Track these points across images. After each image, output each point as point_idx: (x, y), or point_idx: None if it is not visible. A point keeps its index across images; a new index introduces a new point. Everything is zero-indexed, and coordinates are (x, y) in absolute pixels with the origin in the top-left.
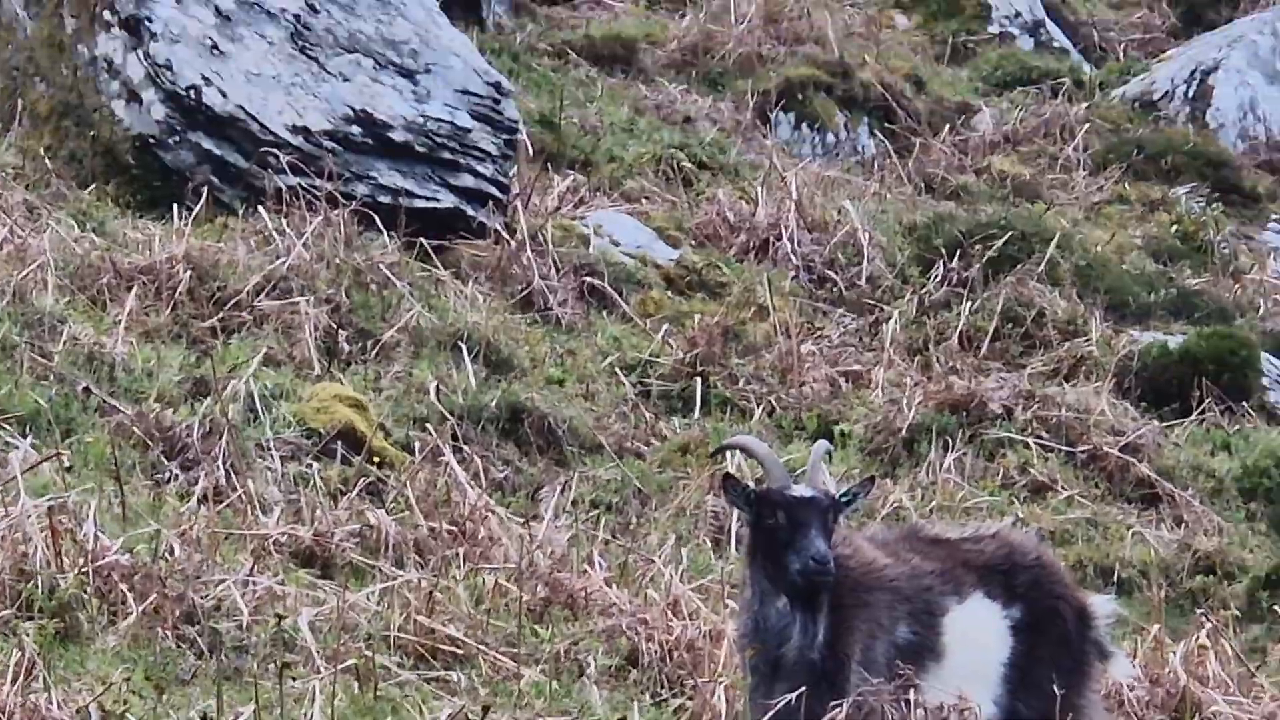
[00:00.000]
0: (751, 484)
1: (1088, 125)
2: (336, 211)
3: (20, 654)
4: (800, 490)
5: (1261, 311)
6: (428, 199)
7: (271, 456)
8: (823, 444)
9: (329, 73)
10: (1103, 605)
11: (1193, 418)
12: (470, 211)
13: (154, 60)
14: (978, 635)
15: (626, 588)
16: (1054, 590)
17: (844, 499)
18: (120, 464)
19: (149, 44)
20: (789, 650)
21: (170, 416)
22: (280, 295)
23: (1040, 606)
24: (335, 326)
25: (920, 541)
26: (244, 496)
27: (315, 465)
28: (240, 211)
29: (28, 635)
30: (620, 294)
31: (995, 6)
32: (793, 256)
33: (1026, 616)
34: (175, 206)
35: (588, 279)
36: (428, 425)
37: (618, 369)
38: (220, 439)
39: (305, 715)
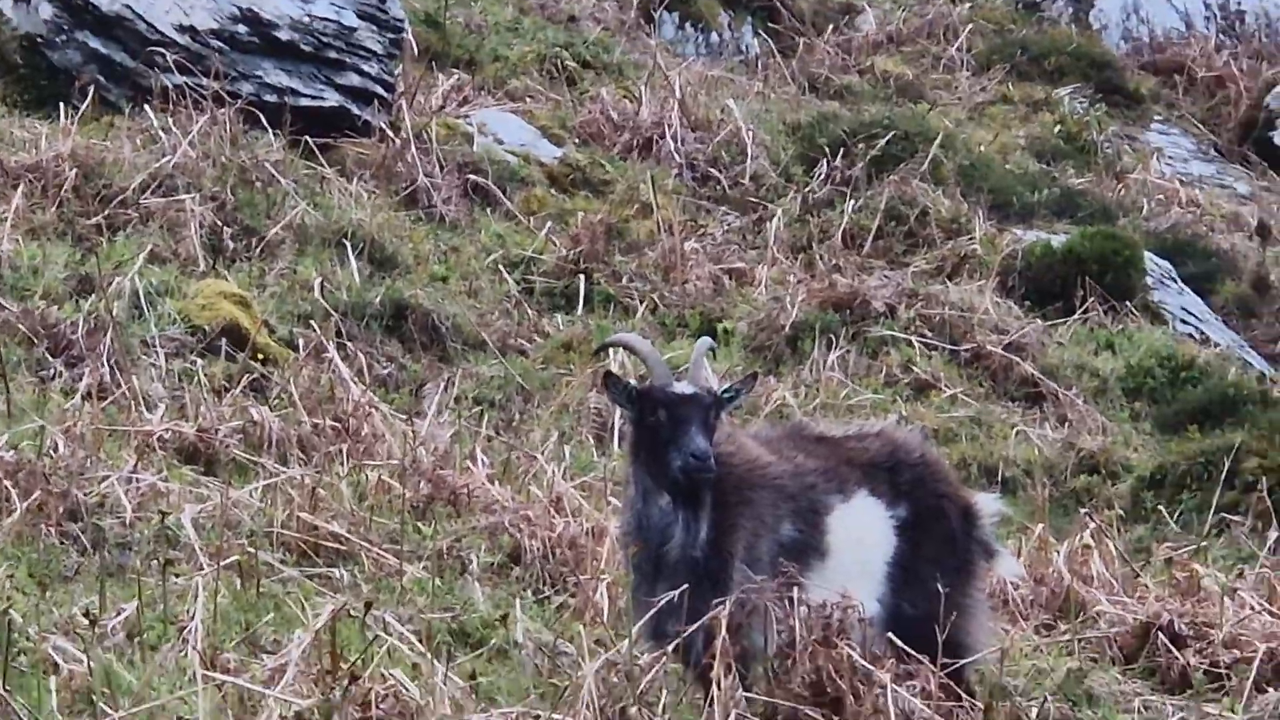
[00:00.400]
0: (634, 381)
1: (971, 26)
2: (222, 110)
3: None
4: (682, 388)
5: (1145, 211)
6: (313, 98)
7: (156, 353)
8: (706, 341)
9: None
10: (988, 504)
11: (1076, 317)
12: (355, 110)
13: None
14: (862, 534)
15: (509, 485)
16: (938, 489)
17: (726, 395)
18: (5, 361)
19: None
20: (671, 548)
21: (55, 313)
22: (166, 193)
23: (925, 505)
24: (220, 224)
25: (804, 439)
26: (128, 393)
27: (199, 362)
28: (126, 110)
29: None
30: (504, 192)
31: None
32: (676, 155)
33: (911, 515)
34: (62, 105)
35: (472, 177)
36: (312, 322)
37: (501, 266)
38: (105, 336)
39: (188, 611)
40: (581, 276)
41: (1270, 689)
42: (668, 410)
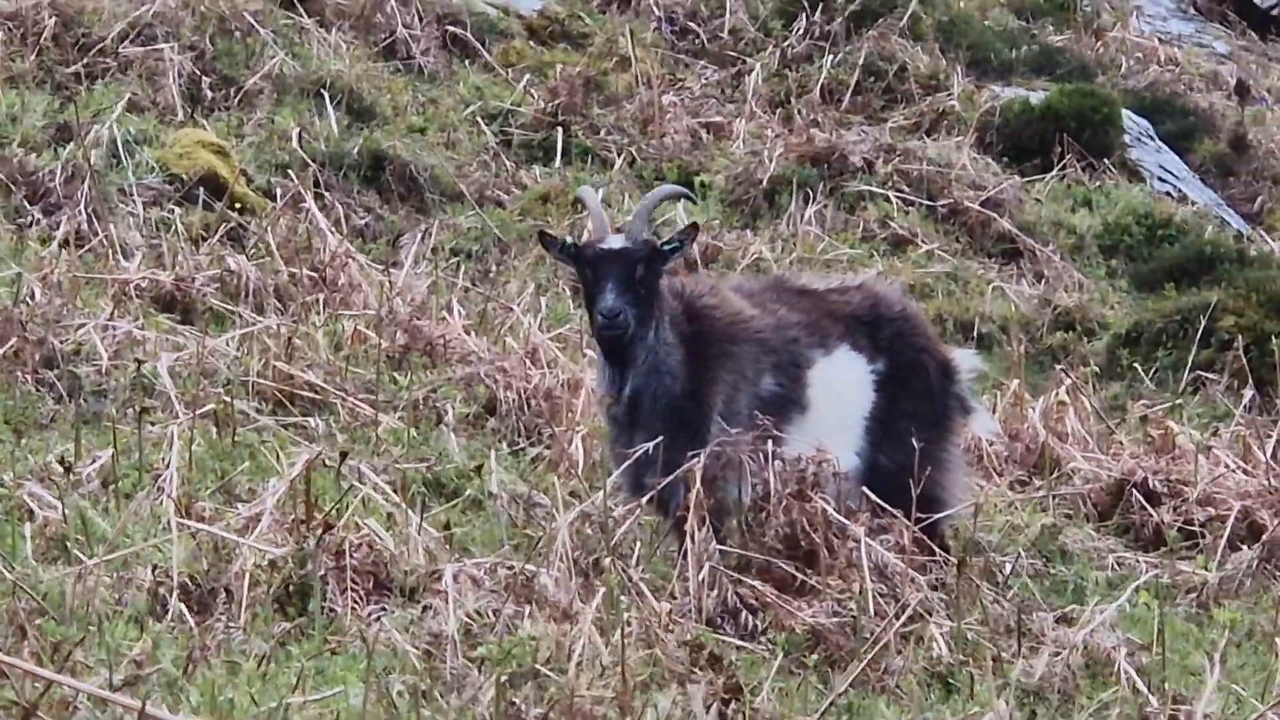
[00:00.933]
0: (569, 238)
1: None
2: None
3: None
4: (608, 242)
5: (1123, 69)
6: None
7: (134, 202)
8: (662, 190)
9: None
10: (966, 360)
11: (1054, 173)
12: None
13: None
14: (842, 388)
15: (485, 335)
16: (918, 343)
17: (668, 248)
18: None
19: None
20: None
21: (34, 161)
22: (145, 42)
23: (904, 359)
24: (199, 73)
25: (787, 292)
26: (105, 241)
27: (177, 211)
28: None
29: None
30: (483, 43)
31: None
32: (655, 8)
33: (890, 369)
34: None
35: (451, 28)
36: (290, 172)
37: (479, 118)
38: (83, 184)
39: (163, 460)
40: (559, 129)
41: (1243, 547)
42: (591, 267)
